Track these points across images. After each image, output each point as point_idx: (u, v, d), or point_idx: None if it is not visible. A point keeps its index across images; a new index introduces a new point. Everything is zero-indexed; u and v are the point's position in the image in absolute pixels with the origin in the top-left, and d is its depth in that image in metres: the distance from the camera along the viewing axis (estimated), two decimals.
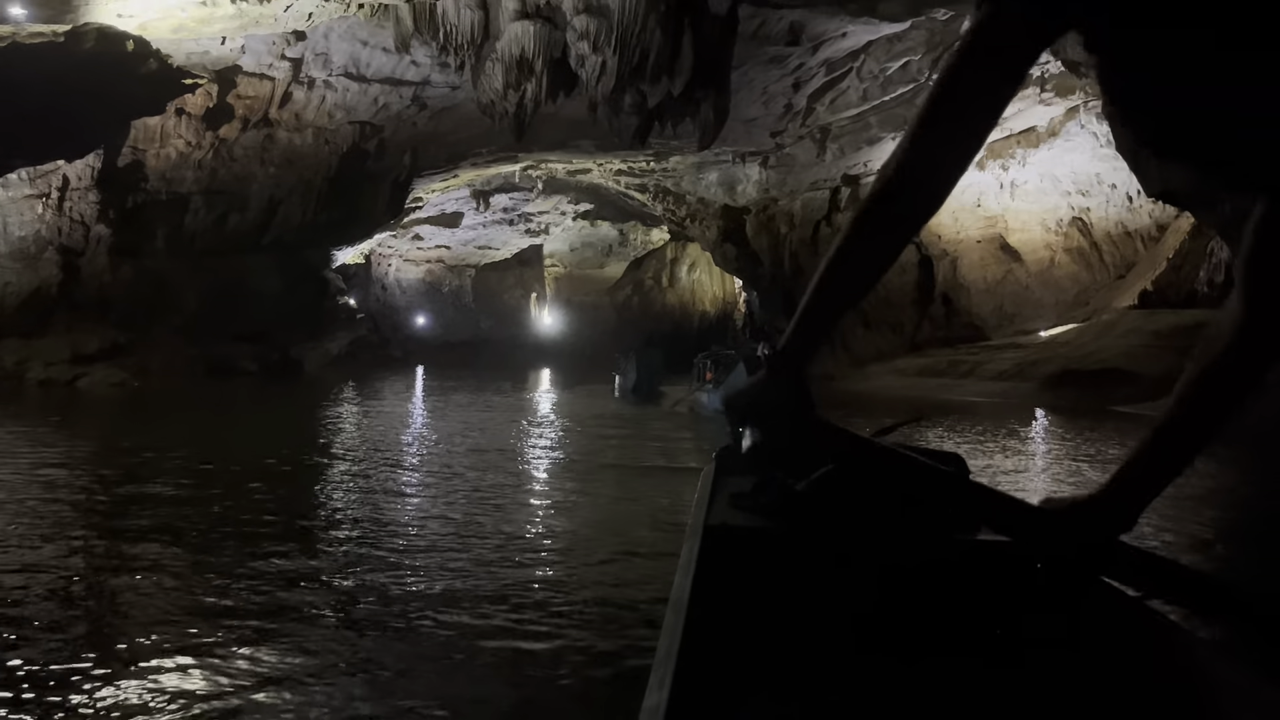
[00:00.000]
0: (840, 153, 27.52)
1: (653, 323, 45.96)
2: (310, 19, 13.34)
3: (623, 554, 5.76)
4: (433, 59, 18.73)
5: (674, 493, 8.03)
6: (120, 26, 11.91)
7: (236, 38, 15.58)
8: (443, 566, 5.34)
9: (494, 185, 34.82)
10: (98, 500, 7.38)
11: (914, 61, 22.52)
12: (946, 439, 13.23)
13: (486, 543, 5.95)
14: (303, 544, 5.90)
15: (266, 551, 5.60)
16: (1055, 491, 1.86)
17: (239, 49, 16.73)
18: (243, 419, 14.99)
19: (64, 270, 19.86)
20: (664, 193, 33.83)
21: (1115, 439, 13.53)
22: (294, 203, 23.32)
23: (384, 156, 23.65)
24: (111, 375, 18.50)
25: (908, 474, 2.01)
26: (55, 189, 19.32)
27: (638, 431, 14.13)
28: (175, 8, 11.95)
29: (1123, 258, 28.51)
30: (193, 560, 5.41)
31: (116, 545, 5.80)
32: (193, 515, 6.70)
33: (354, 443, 11.80)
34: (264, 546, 5.74)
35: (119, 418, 14.76)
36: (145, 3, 11.57)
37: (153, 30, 12.60)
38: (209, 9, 12.09)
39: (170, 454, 9.82)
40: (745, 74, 21.26)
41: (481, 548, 5.80)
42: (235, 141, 21.13)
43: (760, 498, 3.23)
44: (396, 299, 45.20)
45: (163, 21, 12.34)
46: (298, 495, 7.86)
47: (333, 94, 20.57)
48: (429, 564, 5.42)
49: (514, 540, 6.07)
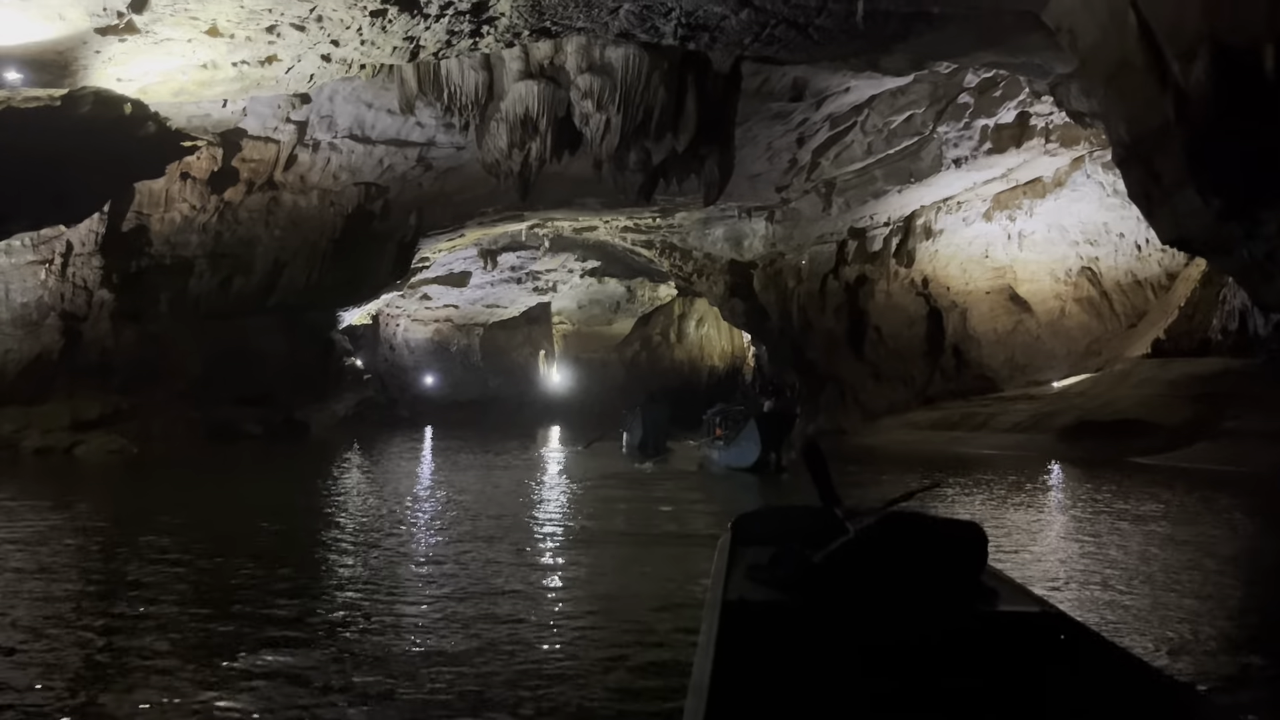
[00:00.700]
0: (846, 206, 27.52)
1: (661, 378, 45.63)
2: (312, 80, 13.37)
3: (634, 641, 5.44)
4: (437, 120, 18.79)
5: (685, 564, 7.74)
6: (120, 90, 11.95)
7: (238, 100, 15.63)
8: (451, 661, 5.02)
9: (501, 244, 34.90)
10: (78, 586, 7.09)
11: (917, 115, 22.58)
12: (968, 500, 12.90)
13: (495, 630, 5.61)
14: (297, 633, 5.59)
15: (259, 643, 5.28)
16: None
17: (240, 111, 16.78)
18: (240, 487, 14.59)
19: (66, 336, 19.78)
20: (670, 248, 33.83)
21: (1144, 494, 13.21)
22: (299, 265, 23.30)
23: (389, 217, 23.67)
24: (110, 442, 18.28)
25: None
26: (59, 255, 19.31)
27: (646, 494, 13.84)
28: (176, 71, 11.98)
29: (1133, 307, 28.28)
30: (184, 655, 5.14)
31: (99, 636, 5.53)
32: (176, 603, 6.44)
33: (355, 512, 11.52)
34: (256, 638, 5.41)
35: (109, 489, 14.45)
36: (145, 67, 11.60)
37: (153, 94, 12.63)
38: (210, 72, 12.12)
39: (160, 529, 9.46)
40: (749, 130, 21.31)
41: (491, 634, 5.48)
42: (240, 204, 21.17)
43: (777, 570, 3.25)
44: (405, 359, 45.14)
45: (163, 85, 12.37)
46: (291, 577, 7.53)
47: (338, 156, 20.64)
48: (434, 655, 5.12)
49: (520, 630, 5.70)
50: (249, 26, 10.93)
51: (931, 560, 3.06)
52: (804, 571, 3.11)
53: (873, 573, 2.98)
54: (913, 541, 3.10)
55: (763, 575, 3.27)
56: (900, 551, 3.05)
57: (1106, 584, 7.13)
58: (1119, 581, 7.22)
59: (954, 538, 3.18)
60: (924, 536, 3.13)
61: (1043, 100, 21.81)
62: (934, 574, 3.04)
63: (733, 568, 3.45)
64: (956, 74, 20.98)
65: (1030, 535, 9.66)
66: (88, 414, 18.76)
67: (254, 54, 11.90)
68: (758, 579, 3.25)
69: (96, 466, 16.98)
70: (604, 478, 16.13)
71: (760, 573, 3.29)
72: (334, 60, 12.51)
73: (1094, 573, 7.55)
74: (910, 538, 3.11)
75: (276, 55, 12.11)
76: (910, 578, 2.99)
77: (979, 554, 3.19)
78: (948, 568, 3.09)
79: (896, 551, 3.05)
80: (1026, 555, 8.36)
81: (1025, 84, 21.00)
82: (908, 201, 27.58)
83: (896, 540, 3.09)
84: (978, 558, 3.18)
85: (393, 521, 10.40)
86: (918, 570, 3.02)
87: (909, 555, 3.04)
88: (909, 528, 3.17)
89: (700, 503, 13.40)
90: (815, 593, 2.98)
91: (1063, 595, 6.53)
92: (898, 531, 3.13)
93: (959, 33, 14.52)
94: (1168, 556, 8.38)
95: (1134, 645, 5.13)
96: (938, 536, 3.17)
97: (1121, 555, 8.38)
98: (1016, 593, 3.27)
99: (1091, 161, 25.42)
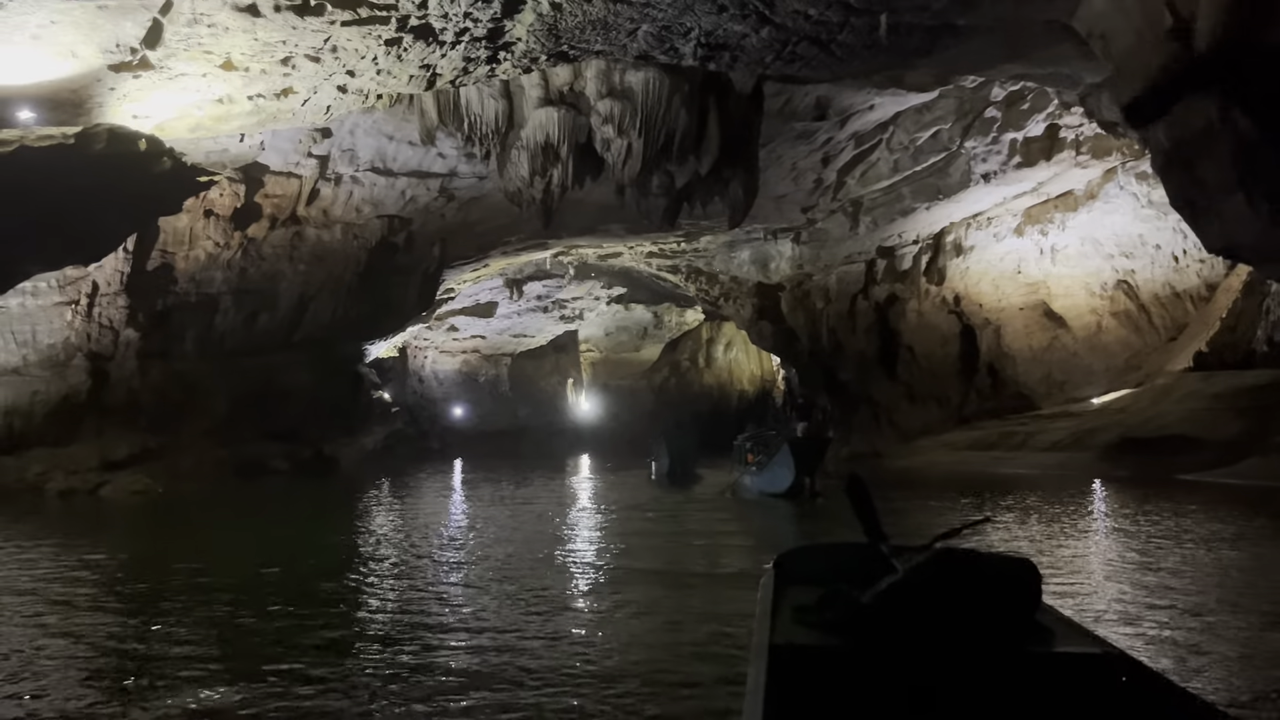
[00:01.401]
0: (874, 225, 27.17)
1: (691, 404, 45.57)
2: (329, 112, 13.23)
3: (666, 694, 5.13)
4: (458, 150, 18.70)
5: (721, 605, 7.41)
6: (136, 127, 11.85)
7: (255, 134, 15.55)
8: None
9: (526, 273, 34.80)
10: (93, 633, 6.85)
11: (944, 130, 22.27)
12: (1021, 529, 12.41)
13: (524, 691, 5.29)
14: (328, 675, 5.32)
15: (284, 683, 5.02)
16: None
17: (258, 145, 16.71)
18: (266, 526, 14.34)
19: (93, 376, 19.68)
20: (696, 273, 33.58)
21: (1203, 515, 12.67)
22: (324, 299, 23.19)
23: (413, 249, 23.57)
24: (134, 482, 18.11)
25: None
26: (84, 295, 19.27)
27: (678, 527, 13.46)
28: (191, 106, 11.89)
29: (1173, 319, 27.68)
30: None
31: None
32: (200, 653, 6.18)
33: (384, 550, 11.23)
34: (280, 678, 5.15)
35: (131, 531, 14.22)
36: (161, 102, 11.50)
37: (170, 131, 12.54)
38: (225, 107, 12.02)
39: (179, 573, 9.30)
40: (773, 150, 21.10)
41: (523, 699, 5.15)
42: (264, 240, 21.13)
43: (825, 612, 3.15)
44: (433, 390, 45.06)
45: (179, 121, 12.28)
46: (318, 620, 7.27)
47: (360, 189, 20.57)
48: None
49: (548, 683, 5.40)
50: (263, 59, 10.81)
51: (984, 600, 2.99)
52: (853, 613, 3.02)
53: (924, 614, 2.91)
54: (964, 581, 3.02)
55: (810, 618, 3.18)
56: (952, 591, 2.98)
57: (1188, 617, 6.67)
58: (1208, 613, 6.75)
59: (1006, 576, 3.11)
60: (975, 575, 3.05)
61: (1072, 111, 21.47)
62: (987, 614, 2.97)
63: (778, 609, 3.36)
64: (983, 88, 20.70)
65: (1099, 563, 9.18)
66: (116, 454, 18.67)
67: (269, 87, 11.78)
68: (805, 621, 3.16)
69: (120, 507, 16.80)
70: (634, 508, 15.80)
71: (807, 615, 3.21)
72: (350, 91, 12.38)
73: (1173, 607, 7.09)
74: (961, 577, 3.03)
75: (292, 87, 11.99)
76: (963, 619, 2.92)
77: (1033, 592, 3.11)
78: (1001, 607, 3.01)
79: (948, 591, 2.97)
80: (1089, 585, 7.91)
81: (1054, 95, 20.66)
82: (937, 218, 27.20)
83: (948, 579, 3.01)
84: (1032, 596, 3.11)
85: (416, 564, 10.10)
86: (970, 611, 2.95)
87: (961, 595, 2.96)
88: (960, 566, 3.08)
89: (735, 535, 13.02)
90: (865, 635, 2.91)
91: (1138, 632, 6.10)
92: (949, 570, 3.05)
93: (984, 45, 14.23)
94: (1256, 584, 7.87)
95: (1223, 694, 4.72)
96: (990, 575, 3.09)
97: (1203, 585, 7.89)
98: (1073, 632, 3.18)
99: (1124, 172, 24.94)
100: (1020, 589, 3.08)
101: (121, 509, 16.60)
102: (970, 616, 2.93)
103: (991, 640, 2.90)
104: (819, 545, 4.87)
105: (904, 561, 3.35)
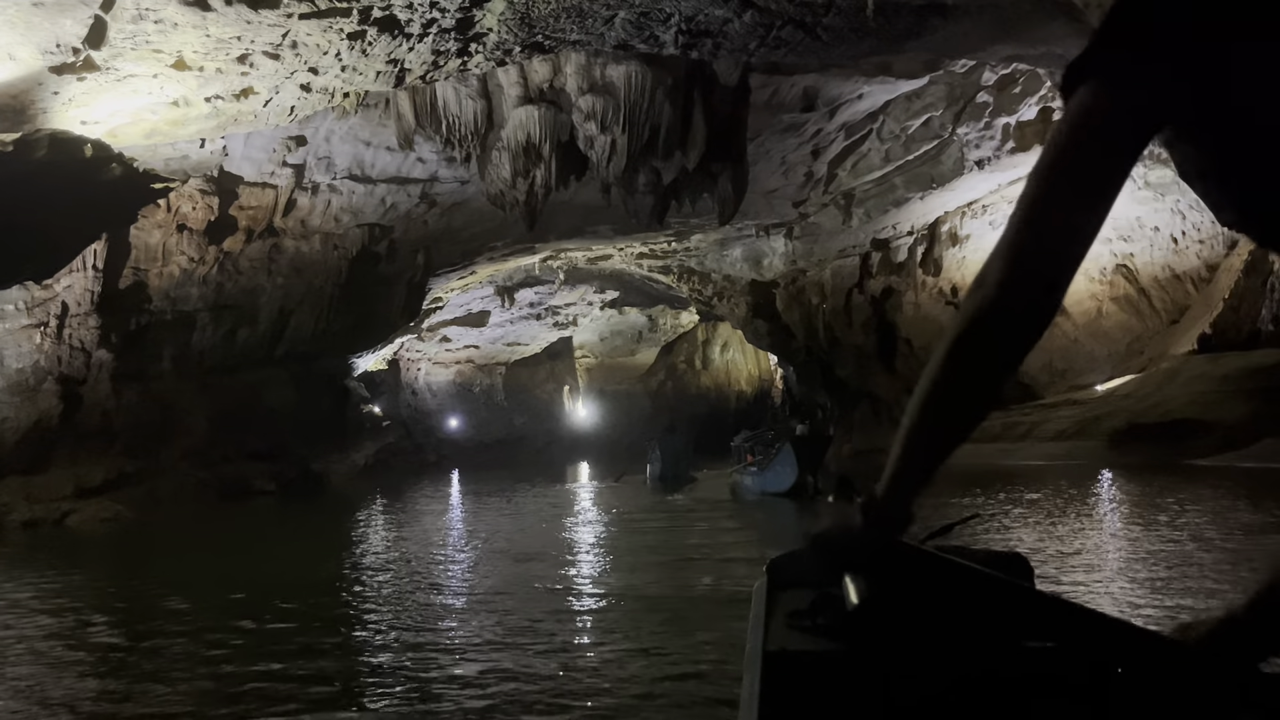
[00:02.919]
0: (867, 217, 26.68)
1: (689, 406, 45.44)
2: (293, 113, 12.61)
3: None
4: (438, 154, 18.19)
5: (725, 634, 6.80)
6: (86, 134, 11.21)
7: (217, 139, 14.92)
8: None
9: (516, 280, 34.33)
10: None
11: (935, 117, 21.81)
12: (1052, 525, 11.90)
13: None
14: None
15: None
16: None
17: (220, 150, 16.05)
18: (243, 558, 13.03)
19: (65, 400, 18.95)
20: (688, 273, 33.09)
21: (1219, 501, 12.16)
22: (305, 312, 22.58)
23: (396, 258, 23.00)
24: (103, 510, 17.29)
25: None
26: (54, 316, 18.57)
27: (679, 540, 12.86)
28: (145, 110, 11.22)
29: (1173, 302, 27.29)
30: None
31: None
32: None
33: (366, 581, 10.61)
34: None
35: (87, 562, 13.06)
36: (111, 107, 10.83)
37: (124, 137, 11.88)
38: (182, 110, 11.37)
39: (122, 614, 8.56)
40: (762, 144, 20.66)
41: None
42: (240, 254, 20.54)
43: (818, 617, 2.78)
44: (427, 403, 44.51)
45: (133, 127, 11.61)
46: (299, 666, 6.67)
47: (338, 198, 19.98)
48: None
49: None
50: (218, 57, 10.22)
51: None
52: (846, 617, 2.83)
53: (916, 615, 2.54)
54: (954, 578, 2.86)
55: (804, 622, 2.74)
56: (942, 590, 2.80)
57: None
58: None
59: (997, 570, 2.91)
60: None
61: None
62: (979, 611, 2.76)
63: (771, 614, 2.83)
64: (973, 72, 20.30)
65: (1151, 561, 8.60)
66: (91, 480, 17.93)
67: (227, 87, 11.15)
68: (798, 626, 2.71)
69: (86, 538, 15.81)
70: (633, 519, 15.24)
71: (801, 619, 2.76)
72: (315, 90, 11.78)
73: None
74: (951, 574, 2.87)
75: (252, 87, 11.36)
76: (955, 617, 2.60)
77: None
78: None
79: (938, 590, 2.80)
80: (1154, 584, 7.32)
81: (1046, 77, 20.23)
82: (931, 208, 26.73)
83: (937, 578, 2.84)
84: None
85: (415, 592, 9.50)
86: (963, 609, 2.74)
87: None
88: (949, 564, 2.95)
89: (735, 543, 12.45)
90: (858, 639, 2.53)
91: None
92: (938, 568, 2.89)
93: (974, 25, 13.79)
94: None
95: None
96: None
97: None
98: None
99: None
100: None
101: (86, 540, 15.63)
102: (963, 615, 2.74)
103: (985, 637, 2.55)
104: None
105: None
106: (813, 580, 3.29)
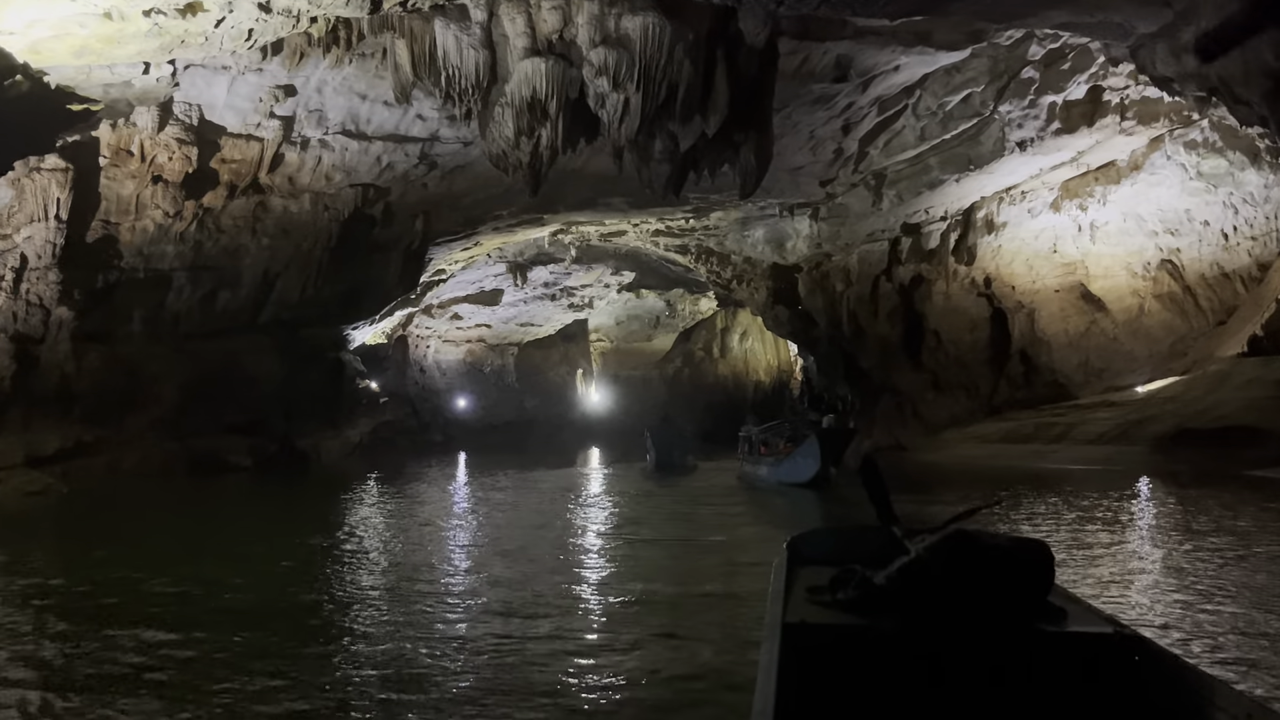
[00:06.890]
0: (898, 199, 25.33)
1: (705, 394, 44.95)
2: (252, 37, 11.21)
3: None
4: (439, 111, 17.01)
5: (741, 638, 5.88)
6: (2, 47, 9.87)
7: (163, 64, 13.51)
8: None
9: (528, 256, 33.21)
10: None
11: (976, 94, 20.55)
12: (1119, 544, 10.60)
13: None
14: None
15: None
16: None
17: (169, 79, 14.62)
18: (164, 553, 10.50)
19: (19, 361, 17.60)
20: (707, 253, 31.80)
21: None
22: (291, 277, 21.35)
23: (392, 223, 21.76)
24: (30, 482, 15.79)
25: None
26: (10, 269, 17.27)
27: (690, 533, 11.90)
28: (71, 22, 9.76)
29: (1221, 302, 25.82)
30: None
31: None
32: None
33: (346, 574, 9.34)
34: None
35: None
36: (27, 15, 9.32)
37: (48, 54, 10.51)
38: (116, 25, 9.97)
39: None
40: (789, 117, 19.47)
41: None
42: (222, 211, 19.29)
43: (839, 592, 3.21)
44: (436, 381, 43.54)
45: (59, 41, 10.19)
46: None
47: (330, 154, 18.70)
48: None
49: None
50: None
51: (997, 580, 3.01)
52: (866, 592, 3.05)
53: (937, 593, 2.91)
54: (977, 560, 3.03)
55: (823, 597, 3.17)
56: (965, 571, 2.97)
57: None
58: None
59: (1020, 556, 3.13)
60: (988, 555, 3.06)
61: (1117, 71, 19.78)
62: (1000, 594, 2.97)
63: (790, 589, 3.37)
64: (1019, 45, 19.10)
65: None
66: (44, 449, 16.64)
67: (170, 0, 9.75)
68: (818, 601, 3.17)
69: (7, 515, 14.00)
70: (639, 518, 14.00)
71: (820, 594, 3.19)
72: (276, 10, 10.33)
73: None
74: (974, 557, 3.04)
75: (200, 3, 9.93)
76: (975, 598, 2.92)
77: (1046, 572, 3.17)
78: (1014, 587, 3.05)
79: (961, 571, 2.96)
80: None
81: (1098, 53, 18.99)
82: (966, 192, 25.37)
83: (960, 559, 3.03)
84: (1044, 576, 3.18)
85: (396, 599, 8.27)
86: (983, 590, 2.94)
87: (973, 575, 2.96)
88: (973, 546, 3.09)
89: (749, 532, 11.33)
90: (878, 614, 2.94)
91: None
92: (961, 550, 3.06)
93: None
94: None
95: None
96: (1003, 555, 3.11)
97: None
98: (1086, 612, 3.23)
99: (1172, 141, 23.08)
100: (1034, 569, 3.13)
101: (3, 515, 13.88)
102: (983, 596, 2.91)
103: (1004, 619, 2.89)
104: (831, 528, 4.91)
105: (916, 543, 3.32)
106: (832, 558, 3.57)
